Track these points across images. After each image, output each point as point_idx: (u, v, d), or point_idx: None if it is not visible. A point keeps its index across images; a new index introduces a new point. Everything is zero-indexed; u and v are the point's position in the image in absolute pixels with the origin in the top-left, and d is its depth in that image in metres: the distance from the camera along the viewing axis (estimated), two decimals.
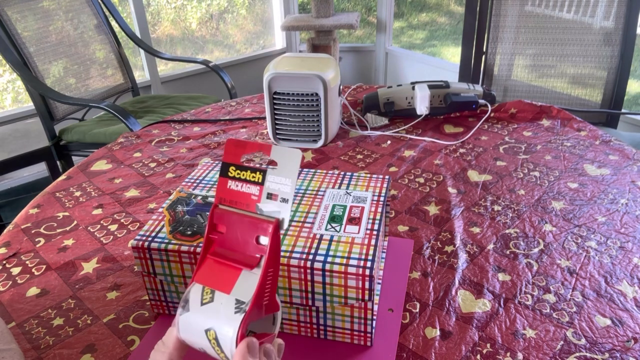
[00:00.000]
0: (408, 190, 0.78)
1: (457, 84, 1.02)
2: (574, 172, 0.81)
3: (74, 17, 1.87)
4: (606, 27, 1.44)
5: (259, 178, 0.36)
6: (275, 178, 0.35)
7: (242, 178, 0.36)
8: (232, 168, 0.36)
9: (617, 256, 0.61)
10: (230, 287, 0.34)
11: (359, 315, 0.47)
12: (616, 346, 0.49)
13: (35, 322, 0.55)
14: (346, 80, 3.18)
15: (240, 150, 0.37)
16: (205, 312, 0.33)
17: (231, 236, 0.36)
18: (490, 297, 0.56)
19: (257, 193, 0.36)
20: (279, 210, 0.35)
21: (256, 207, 0.35)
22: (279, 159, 0.35)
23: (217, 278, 0.35)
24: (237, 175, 0.36)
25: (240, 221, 0.35)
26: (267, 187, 0.35)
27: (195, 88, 2.81)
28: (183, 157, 0.90)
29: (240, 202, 0.36)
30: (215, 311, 0.33)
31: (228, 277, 0.34)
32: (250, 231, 0.35)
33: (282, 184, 0.35)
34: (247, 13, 3.08)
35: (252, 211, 0.35)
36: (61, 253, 0.66)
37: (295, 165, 0.35)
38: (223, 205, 0.36)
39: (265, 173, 0.36)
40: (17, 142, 2.24)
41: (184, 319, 0.34)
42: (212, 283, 0.34)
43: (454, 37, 3.72)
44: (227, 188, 0.36)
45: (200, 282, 0.35)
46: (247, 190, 0.36)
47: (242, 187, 0.36)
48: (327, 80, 0.85)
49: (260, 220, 0.35)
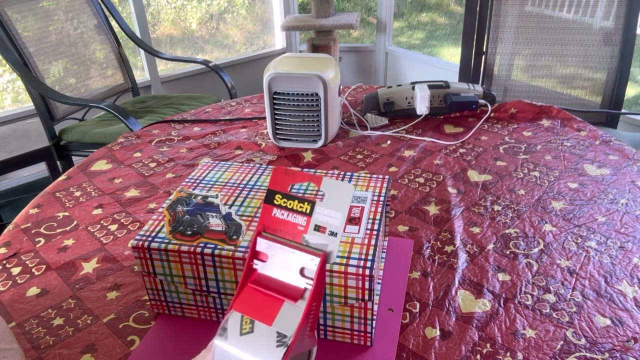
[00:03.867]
0: (408, 190, 0.78)
1: (457, 84, 1.02)
2: (574, 172, 0.81)
3: (74, 17, 1.87)
4: (606, 27, 1.44)
5: (306, 209, 0.35)
6: (325, 210, 0.35)
7: (289, 207, 0.35)
8: (279, 196, 0.36)
9: (617, 256, 0.62)
10: (272, 319, 0.33)
11: (359, 315, 0.47)
12: (616, 346, 0.49)
13: (36, 322, 0.55)
14: (346, 80, 3.18)
15: (288, 179, 0.36)
16: (244, 343, 0.32)
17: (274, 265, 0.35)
18: (490, 297, 0.56)
19: (304, 224, 0.35)
20: (327, 244, 0.34)
21: (302, 237, 0.35)
22: (329, 191, 0.35)
23: (258, 308, 0.33)
24: (283, 204, 0.35)
25: (285, 251, 0.35)
26: (315, 219, 0.35)
27: (195, 88, 2.81)
28: (183, 157, 0.90)
29: (285, 231, 0.35)
30: (255, 343, 0.32)
31: (269, 308, 0.33)
32: (296, 262, 0.34)
33: (331, 216, 0.35)
34: (247, 13, 3.08)
35: (297, 242, 0.35)
36: (61, 253, 0.66)
37: (347, 199, 0.34)
38: (266, 232, 0.36)
39: (313, 204, 0.35)
40: (17, 142, 2.24)
41: (221, 348, 0.33)
42: (252, 313, 0.33)
43: (453, 37, 3.72)
44: (272, 216, 0.36)
45: (239, 311, 0.34)
46: (294, 220, 0.35)
47: (288, 217, 0.35)
48: (327, 80, 0.85)
49: (308, 251, 0.34)
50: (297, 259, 0.34)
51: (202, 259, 0.48)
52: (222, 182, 0.59)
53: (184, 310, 0.53)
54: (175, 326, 0.53)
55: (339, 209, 0.35)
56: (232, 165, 0.63)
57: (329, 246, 0.34)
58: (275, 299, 0.34)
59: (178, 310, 0.53)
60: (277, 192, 0.36)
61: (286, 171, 0.36)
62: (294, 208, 0.35)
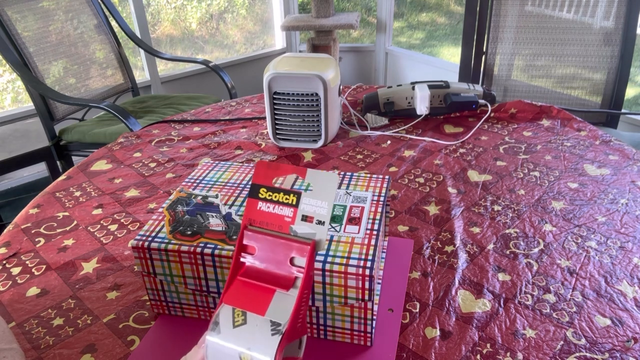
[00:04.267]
0: (408, 190, 0.78)
1: (457, 84, 1.02)
2: (574, 172, 0.81)
3: (74, 17, 1.87)
4: (606, 27, 1.44)
5: (293, 200, 0.36)
6: (311, 201, 0.35)
7: (275, 200, 0.36)
8: (263, 190, 0.36)
9: (617, 256, 0.62)
10: (264, 309, 0.33)
11: (359, 315, 0.47)
12: (616, 346, 0.49)
13: (35, 322, 0.55)
14: (346, 80, 3.18)
15: (272, 172, 0.36)
16: (238, 335, 0.32)
17: (263, 257, 0.35)
18: (490, 297, 0.56)
19: (291, 215, 0.35)
20: (315, 232, 0.35)
21: (290, 228, 0.35)
22: (314, 182, 0.35)
23: (249, 299, 0.34)
24: (268, 197, 0.36)
25: (274, 243, 0.35)
26: (302, 210, 0.35)
27: (195, 88, 2.81)
28: (183, 157, 0.90)
29: (272, 223, 0.36)
30: (249, 334, 0.32)
31: (261, 299, 0.34)
32: (286, 252, 0.35)
33: (318, 206, 0.35)
34: (247, 13, 3.08)
35: (285, 232, 0.35)
36: (61, 253, 0.66)
37: (332, 189, 0.35)
38: (253, 226, 0.36)
39: (299, 195, 0.35)
40: (17, 142, 2.24)
41: (214, 343, 0.32)
42: (244, 304, 0.33)
43: (453, 37, 3.72)
44: (257, 209, 0.36)
45: (230, 304, 0.34)
46: (280, 212, 0.36)
47: (274, 209, 0.36)
48: (327, 80, 0.85)
49: (297, 241, 0.35)
50: (288, 250, 0.35)
51: (202, 259, 0.48)
52: (222, 182, 0.59)
53: (184, 310, 0.53)
54: (175, 326, 0.53)
55: (325, 198, 0.35)
56: (232, 165, 0.63)
57: (317, 235, 0.35)
58: (267, 289, 0.34)
59: (178, 310, 0.53)
60: (261, 185, 0.36)
61: (269, 164, 0.36)
62: (280, 200, 0.36)
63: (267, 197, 0.36)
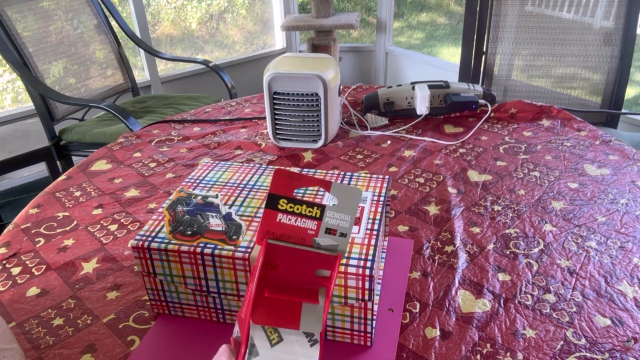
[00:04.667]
0: (408, 190, 0.78)
1: (457, 84, 1.02)
2: (574, 172, 0.81)
3: (74, 17, 1.87)
4: (606, 27, 1.44)
5: (316, 213, 0.35)
6: (335, 214, 0.35)
7: (296, 212, 0.35)
8: (284, 201, 0.35)
9: (617, 256, 0.62)
10: (297, 323, 0.33)
11: (359, 315, 0.47)
12: (616, 346, 0.49)
13: (35, 322, 0.55)
14: (346, 80, 3.18)
15: (293, 183, 0.35)
16: (279, 352, 0.32)
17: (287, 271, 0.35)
18: (490, 297, 0.56)
19: (314, 227, 0.35)
20: (337, 244, 0.35)
21: (313, 241, 0.35)
22: (338, 195, 0.35)
23: (280, 316, 0.33)
24: (289, 209, 0.35)
25: (299, 256, 0.35)
26: (326, 222, 0.35)
27: (195, 88, 2.81)
28: (183, 157, 0.90)
29: (295, 236, 0.35)
30: (290, 349, 0.32)
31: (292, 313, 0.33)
32: (311, 265, 0.35)
33: (342, 219, 0.35)
34: (247, 13, 3.08)
35: (309, 245, 0.35)
36: (61, 253, 0.66)
37: (356, 203, 0.35)
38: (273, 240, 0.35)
39: (324, 208, 0.35)
40: (17, 142, 2.24)
41: None
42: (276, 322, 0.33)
43: (453, 37, 3.72)
44: (277, 221, 0.35)
45: (259, 323, 0.33)
46: (303, 224, 0.35)
47: (295, 222, 0.35)
48: (327, 80, 0.85)
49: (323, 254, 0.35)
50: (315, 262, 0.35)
51: (202, 259, 0.48)
52: (222, 182, 0.59)
53: (184, 310, 0.53)
54: (175, 326, 0.53)
55: (348, 212, 0.35)
56: (232, 165, 0.63)
57: (339, 246, 0.35)
58: (295, 303, 0.34)
59: (178, 310, 0.53)
60: (280, 196, 0.35)
61: (289, 174, 0.35)
62: (303, 213, 0.35)
63: (287, 209, 0.35)
